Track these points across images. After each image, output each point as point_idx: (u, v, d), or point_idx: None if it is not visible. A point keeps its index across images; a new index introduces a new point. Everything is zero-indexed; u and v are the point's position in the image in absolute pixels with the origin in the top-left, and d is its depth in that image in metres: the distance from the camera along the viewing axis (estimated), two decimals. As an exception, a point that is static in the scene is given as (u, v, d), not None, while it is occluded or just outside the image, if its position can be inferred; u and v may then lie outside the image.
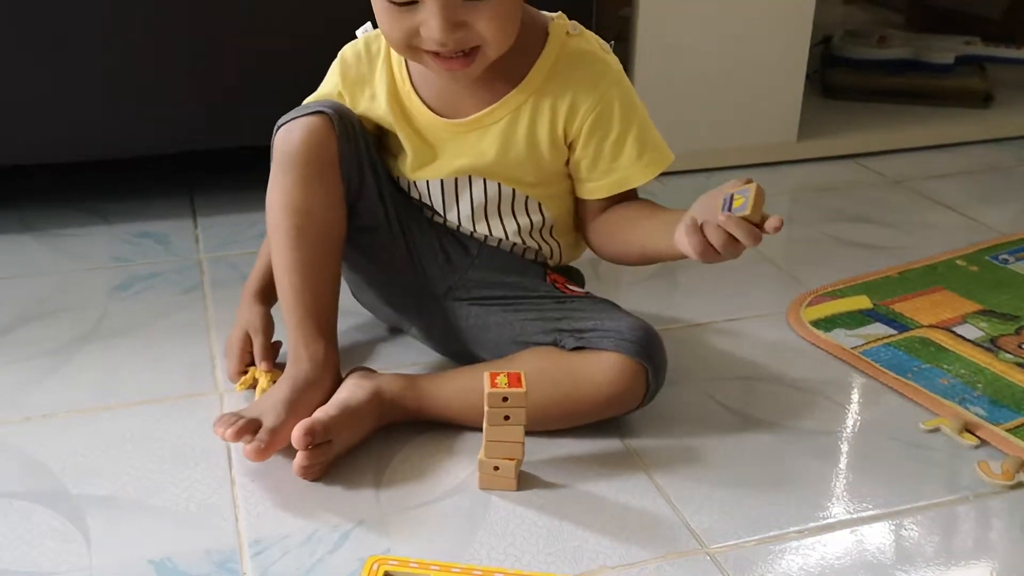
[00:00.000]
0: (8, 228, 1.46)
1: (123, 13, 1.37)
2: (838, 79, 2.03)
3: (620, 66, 1.01)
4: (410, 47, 0.92)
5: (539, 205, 1.05)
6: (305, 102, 1.05)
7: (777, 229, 0.83)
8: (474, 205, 1.04)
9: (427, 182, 1.04)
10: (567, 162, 1.02)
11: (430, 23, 0.87)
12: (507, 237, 1.06)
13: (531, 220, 1.05)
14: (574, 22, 1.00)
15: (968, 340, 1.18)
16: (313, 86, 1.07)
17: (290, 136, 0.99)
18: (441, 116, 1.00)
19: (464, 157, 1.01)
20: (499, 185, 1.02)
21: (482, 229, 1.06)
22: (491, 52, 0.92)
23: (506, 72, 0.97)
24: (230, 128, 1.46)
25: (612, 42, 1.03)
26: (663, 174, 1.00)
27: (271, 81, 1.40)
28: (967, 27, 2.15)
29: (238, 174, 1.56)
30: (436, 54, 0.91)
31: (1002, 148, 1.87)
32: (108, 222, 1.49)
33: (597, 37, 1.01)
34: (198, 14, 1.39)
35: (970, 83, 1.99)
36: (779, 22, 1.68)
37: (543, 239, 1.08)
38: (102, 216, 1.51)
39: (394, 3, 0.88)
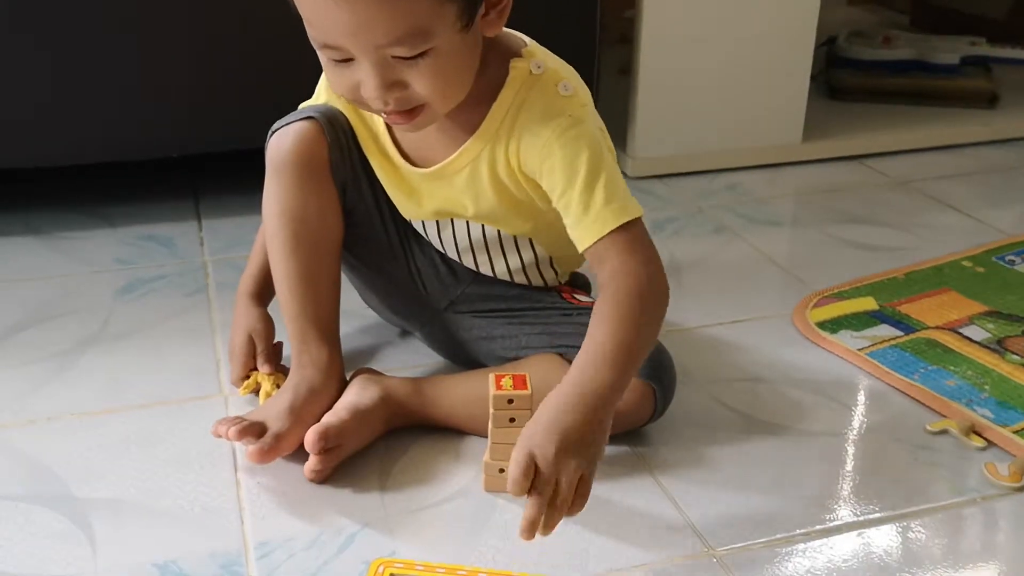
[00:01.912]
0: (12, 231, 1.46)
1: (126, 15, 1.37)
2: (843, 80, 2.02)
3: (582, 110, 0.90)
4: (357, 101, 0.87)
5: (530, 242, 1.01)
6: (301, 107, 1.04)
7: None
8: (459, 246, 1.02)
9: (410, 220, 1.03)
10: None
11: (367, 83, 0.83)
12: (495, 275, 1.04)
13: (522, 258, 1.02)
14: (537, 60, 0.91)
15: (975, 341, 1.18)
16: (315, 89, 1.07)
17: (282, 142, 0.99)
18: (411, 160, 0.98)
19: (439, 201, 0.98)
20: (483, 227, 1.00)
21: (469, 263, 1.04)
22: (437, 109, 0.87)
23: (464, 119, 0.92)
24: (234, 130, 1.46)
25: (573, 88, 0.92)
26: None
27: (274, 83, 1.39)
28: (972, 27, 2.15)
29: (242, 177, 1.55)
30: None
31: (1008, 149, 1.86)
32: (112, 225, 1.49)
33: (560, 75, 0.91)
34: (201, 15, 1.39)
35: (975, 84, 1.99)
36: (783, 23, 1.68)
37: (541, 274, 1.05)
38: (106, 219, 1.51)
39: (332, 59, 0.85)
